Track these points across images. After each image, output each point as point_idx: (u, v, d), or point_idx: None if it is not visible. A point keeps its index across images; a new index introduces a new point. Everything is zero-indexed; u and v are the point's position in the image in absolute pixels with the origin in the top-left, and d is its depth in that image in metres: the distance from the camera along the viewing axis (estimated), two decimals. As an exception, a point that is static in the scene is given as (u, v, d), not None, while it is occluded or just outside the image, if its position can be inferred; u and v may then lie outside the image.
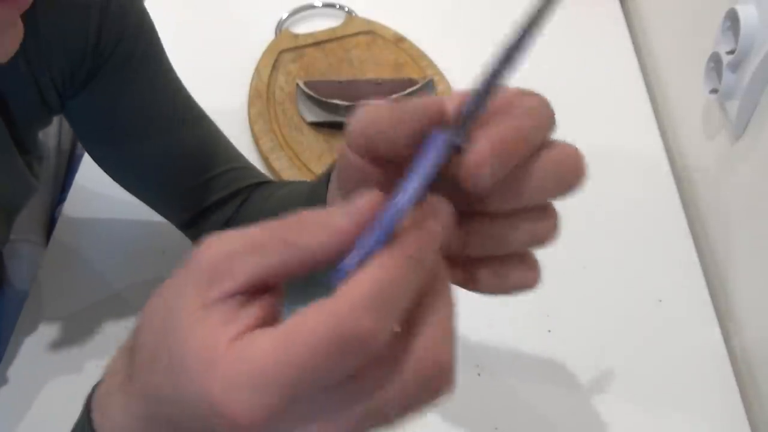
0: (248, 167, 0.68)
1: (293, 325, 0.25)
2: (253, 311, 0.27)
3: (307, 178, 0.83)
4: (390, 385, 0.26)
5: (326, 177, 0.48)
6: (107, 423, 0.33)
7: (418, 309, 0.28)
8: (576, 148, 0.31)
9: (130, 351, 0.31)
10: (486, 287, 0.33)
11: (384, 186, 0.30)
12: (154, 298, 0.30)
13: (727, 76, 0.73)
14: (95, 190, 0.82)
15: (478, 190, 0.29)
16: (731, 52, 0.71)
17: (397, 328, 0.27)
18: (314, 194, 0.51)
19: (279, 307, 0.29)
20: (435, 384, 0.27)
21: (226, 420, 0.25)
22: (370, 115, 0.30)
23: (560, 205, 0.34)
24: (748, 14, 0.69)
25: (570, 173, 0.31)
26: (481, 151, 0.28)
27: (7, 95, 0.54)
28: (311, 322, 0.25)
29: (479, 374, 0.70)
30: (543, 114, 0.31)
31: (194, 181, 0.64)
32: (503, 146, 0.29)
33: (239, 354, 0.25)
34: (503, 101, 0.31)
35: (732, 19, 0.72)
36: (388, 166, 0.32)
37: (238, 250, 0.27)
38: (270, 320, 0.27)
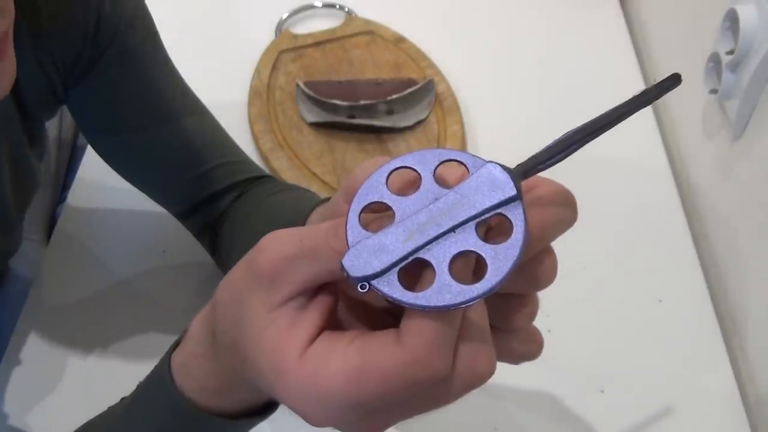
0: (246, 161, 0.69)
1: (367, 362, 0.28)
2: (314, 314, 0.30)
3: (307, 178, 0.83)
4: (441, 397, 0.30)
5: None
6: (191, 382, 0.37)
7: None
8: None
9: (212, 332, 0.34)
10: None
11: None
12: (224, 291, 0.33)
13: (727, 76, 0.73)
14: (99, 181, 0.82)
15: None
16: (731, 52, 0.71)
17: None
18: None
19: (337, 301, 0.31)
20: (477, 386, 0.30)
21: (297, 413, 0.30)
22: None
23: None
24: (747, 14, 0.69)
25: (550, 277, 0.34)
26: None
27: (20, 84, 0.54)
28: (386, 365, 0.28)
29: (479, 374, 0.70)
30: (564, 215, 0.33)
31: (192, 172, 0.64)
32: (535, 233, 0.30)
33: (307, 373, 0.28)
34: (540, 190, 0.32)
35: (731, 19, 0.72)
36: None
37: (294, 254, 0.29)
38: (329, 319, 0.30)
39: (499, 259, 0.28)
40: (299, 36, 0.97)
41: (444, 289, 0.28)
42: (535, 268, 0.32)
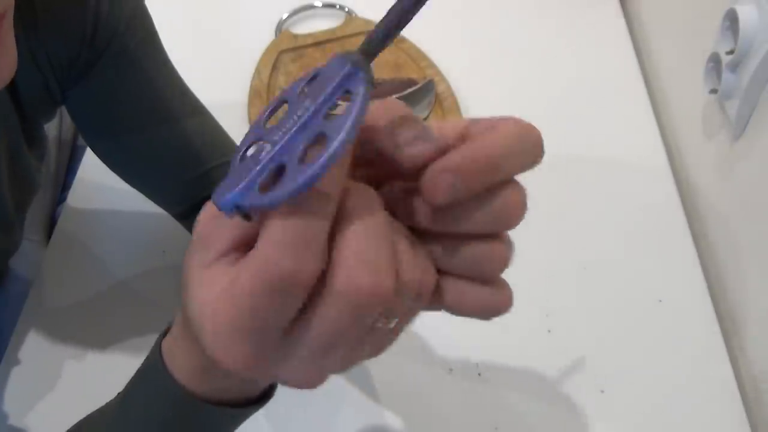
0: None
1: (231, 277, 0.28)
2: None
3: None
4: (325, 318, 0.27)
5: None
6: (177, 365, 0.37)
7: (332, 234, 0.28)
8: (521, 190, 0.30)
9: (182, 307, 0.35)
10: (450, 302, 0.32)
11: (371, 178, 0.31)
12: (183, 260, 0.33)
13: (727, 76, 0.73)
14: (98, 182, 0.82)
15: (432, 203, 0.29)
16: (731, 52, 0.71)
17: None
18: None
19: None
20: (368, 307, 0.27)
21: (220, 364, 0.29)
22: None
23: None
24: (747, 14, 0.69)
25: (514, 216, 0.30)
26: (448, 165, 0.28)
27: (17, 85, 0.54)
28: (245, 269, 0.27)
29: (479, 374, 0.70)
30: (523, 145, 0.30)
31: (192, 172, 0.64)
32: (472, 165, 0.28)
33: (206, 299, 0.29)
34: (486, 125, 0.30)
35: (731, 19, 0.72)
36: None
37: (217, 213, 0.29)
38: None
39: (339, 127, 0.27)
40: (299, 36, 0.97)
41: (292, 178, 0.26)
42: (495, 200, 0.29)
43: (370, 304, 0.27)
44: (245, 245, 0.30)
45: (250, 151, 0.30)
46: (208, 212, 0.31)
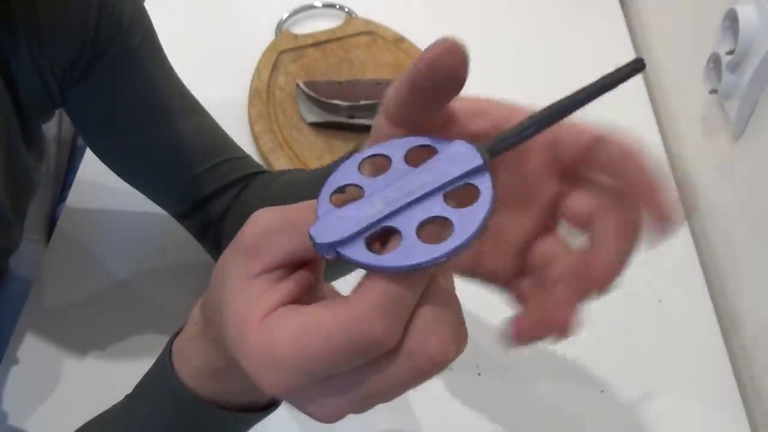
0: (245, 157, 0.69)
1: (311, 320, 0.27)
2: (288, 286, 0.30)
3: (307, 178, 0.83)
4: (388, 375, 0.28)
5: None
6: (186, 366, 0.37)
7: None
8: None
9: (203, 307, 0.35)
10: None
11: None
12: (216, 267, 0.33)
13: (727, 76, 0.73)
14: (98, 182, 0.82)
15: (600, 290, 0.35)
16: (731, 53, 0.71)
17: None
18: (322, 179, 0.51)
19: (316, 281, 0.31)
20: (427, 373, 0.28)
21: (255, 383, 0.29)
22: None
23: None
24: (747, 14, 0.69)
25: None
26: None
27: (17, 85, 0.54)
28: (327, 323, 0.27)
29: (479, 374, 0.70)
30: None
31: (192, 171, 0.64)
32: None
33: (263, 335, 0.28)
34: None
35: (731, 19, 0.72)
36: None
37: (275, 227, 0.30)
38: (305, 294, 0.30)
39: (466, 221, 0.28)
40: (299, 36, 0.97)
41: (408, 251, 0.27)
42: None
43: (434, 370, 0.28)
44: (293, 264, 0.30)
45: (344, 201, 0.30)
46: (259, 224, 0.30)
